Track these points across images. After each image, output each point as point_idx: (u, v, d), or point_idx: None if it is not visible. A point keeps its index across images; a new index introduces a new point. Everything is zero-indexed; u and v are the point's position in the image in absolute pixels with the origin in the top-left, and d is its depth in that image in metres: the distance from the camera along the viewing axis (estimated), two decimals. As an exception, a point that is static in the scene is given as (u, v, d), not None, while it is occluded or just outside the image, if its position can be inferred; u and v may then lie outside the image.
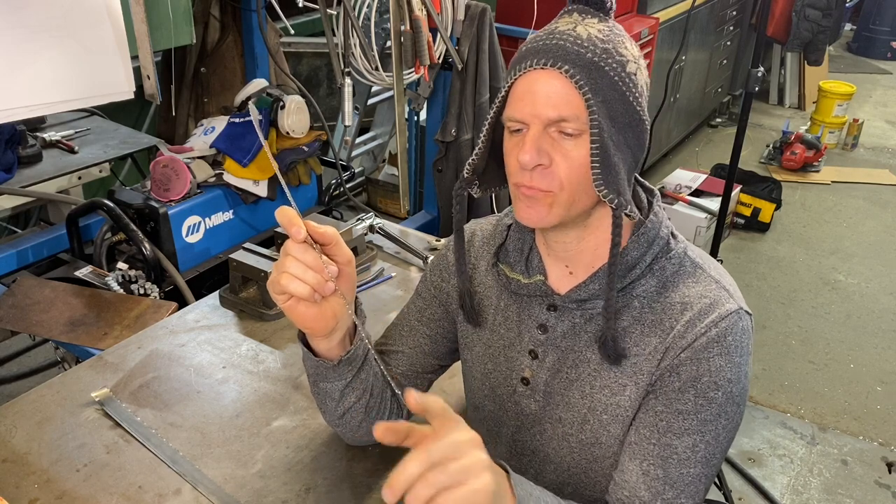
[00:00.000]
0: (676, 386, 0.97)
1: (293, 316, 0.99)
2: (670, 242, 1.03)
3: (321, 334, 1.02)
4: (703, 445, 0.98)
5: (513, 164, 0.98)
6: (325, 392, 1.12)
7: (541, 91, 0.93)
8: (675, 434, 0.98)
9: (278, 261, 0.95)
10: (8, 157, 2.11)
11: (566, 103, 0.92)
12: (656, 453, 0.98)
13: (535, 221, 0.99)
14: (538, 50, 0.94)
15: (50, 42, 1.55)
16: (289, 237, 0.92)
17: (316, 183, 2.34)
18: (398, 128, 2.60)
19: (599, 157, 0.92)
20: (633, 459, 1.00)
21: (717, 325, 0.96)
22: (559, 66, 0.91)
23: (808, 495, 2.52)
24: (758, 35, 2.75)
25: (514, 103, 0.95)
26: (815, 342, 3.31)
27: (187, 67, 2.63)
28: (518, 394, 1.12)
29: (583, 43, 0.92)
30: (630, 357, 1.01)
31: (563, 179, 0.94)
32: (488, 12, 2.61)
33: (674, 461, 0.98)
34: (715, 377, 0.96)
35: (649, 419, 0.99)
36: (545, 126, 0.94)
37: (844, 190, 4.78)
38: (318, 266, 0.93)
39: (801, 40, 5.47)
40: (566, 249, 1.04)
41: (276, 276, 0.95)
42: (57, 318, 1.71)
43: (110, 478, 1.23)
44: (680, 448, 0.97)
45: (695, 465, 0.98)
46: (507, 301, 1.12)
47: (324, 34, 2.35)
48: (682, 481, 0.98)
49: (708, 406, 0.96)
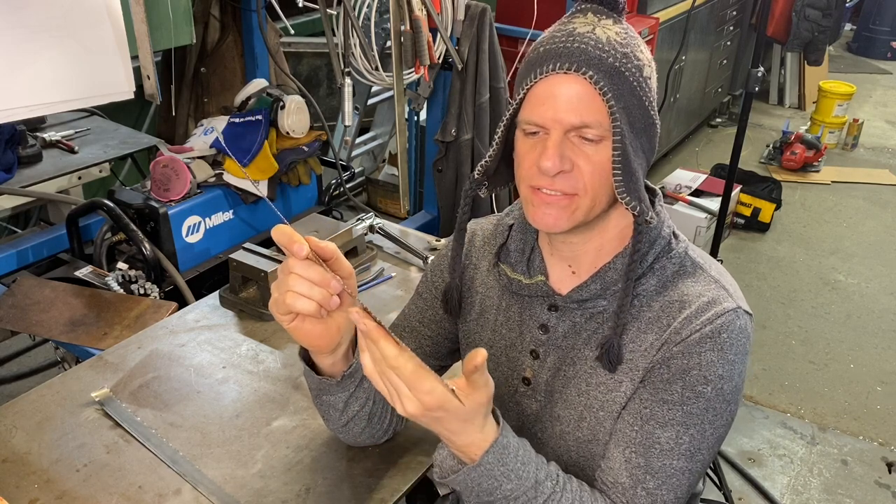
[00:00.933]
0: (665, 377, 0.97)
1: (299, 335, 0.98)
2: (672, 242, 1.03)
3: (327, 350, 1.02)
4: (688, 438, 0.97)
5: (529, 168, 0.96)
6: (329, 404, 1.12)
7: (563, 96, 0.91)
8: (658, 423, 0.97)
9: (278, 280, 0.93)
10: (8, 157, 2.11)
11: (589, 110, 0.91)
12: (638, 441, 0.98)
13: (550, 226, 0.98)
14: (559, 53, 0.91)
15: (50, 42, 1.55)
16: (288, 255, 0.90)
17: (316, 183, 2.34)
18: (398, 128, 2.60)
19: (622, 165, 0.92)
20: (616, 446, 1.00)
21: (713, 321, 0.96)
22: (583, 72, 0.90)
23: (808, 495, 2.52)
24: (758, 35, 2.75)
25: (534, 107, 0.94)
26: (815, 342, 3.31)
27: (187, 67, 2.63)
28: (519, 393, 1.12)
29: (604, 47, 0.91)
30: (626, 354, 1.01)
31: (586, 183, 0.94)
32: (488, 12, 2.60)
33: (656, 451, 0.97)
34: (705, 371, 0.95)
35: (634, 407, 0.99)
36: (566, 131, 0.92)
37: (844, 190, 4.78)
38: (325, 281, 0.91)
39: (801, 40, 5.47)
40: (572, 250, 1.04)
41: (279, 297, 0.93)
42: (57, 318, 1.71)
43: (110, 478, 1.23)
44: (663, 438, 0.97)
45: (678, 458, 0.97)
46: (509, 301, 1.12)
47: (324, 34, 2.35)
48: (663, 472, 0.97)
49: (695, 399, 0.96)
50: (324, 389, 1.09)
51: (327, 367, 1.06)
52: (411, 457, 1.29)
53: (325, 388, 1.08)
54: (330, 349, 1.02)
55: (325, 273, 0.91)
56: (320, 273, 0.91)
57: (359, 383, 1.09)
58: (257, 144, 2.07)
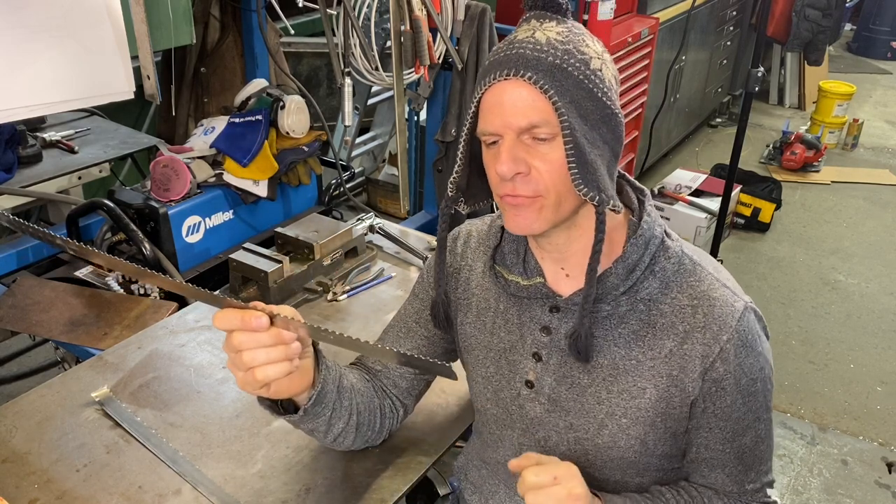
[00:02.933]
0: (727, 400, 1.03)
1: (280, 395, 0.98)
2: (665, 241, 1.04)
3: (304, 391, 1.02)
4: (763, 426, 1.07)
5: (493, 177, 0.98)
6: (310, 430, 1.12)
7: (508, 101, 0.93)
8: (740, 434, 1.06)
9: (231, 361, 0.92)
10: (8, 157, 2.11)
11: (534, 109, 0.92)
12: (732, 456, 1.07)
13: (524, 229, 0.99)
14: (500, 62, 0.94)
15: (50, 42, 1.55)
16: (233, 332, 0.89)
17: (316, 183, 2.34)
18: (398, 128, 2.59)
19: (575, 158, 0.93)
20: (713, 470, 1.09)
21: (737, 329, 1.01)
22: (521, 74, 0.92)
23: (808, 495, 2.52)
24: (758, 35, 2.75)
25: (485, 117, 0.96)
26: (815, 342, 3.31)
27: (187, 67, 2.63)
28: (522, 397, 1.11)
29: (542, 48, 0.93)
30: (647, 359, 1.02)
31: (546, 183, 0.95)
32: (488, 12, 2.60)
33: (748, 453, 1.08)
34: (750, 374, 1.02)
35: (716, 436, 1.06)
36: (518, 134, 0.94)
37: (844, 190, 4.78)
38: (278, 338, 0.90)
39: (801, 40, 5.47)
40: (559, 251, 1.05)
41: (246, 376, 0.92)
42: (57, 318, 1.71)
43: (110, 478, 1.23)
44: (748, 442, 1.07)
45: (761, 443, 1.09)
46: (507, 303, 1.12)
47: (324, 34, 2.35)
48: (756, 461, 1.09)
49: (754, 399, 1.04)
50: (301, 421, 1.08)
51: (302, 400, 1.05)
52: (411, 457, 1.29)
53: (302, 420, 1.07)
54: (306, 388, 1.02)
55: (271, 328, 0.90)
56: (271, 333, 0.90)
57: (334, 405, 1.08)
58: (257, 144, 2.07)
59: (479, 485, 1.27)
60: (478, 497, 1.27)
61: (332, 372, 1.07)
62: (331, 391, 1.07)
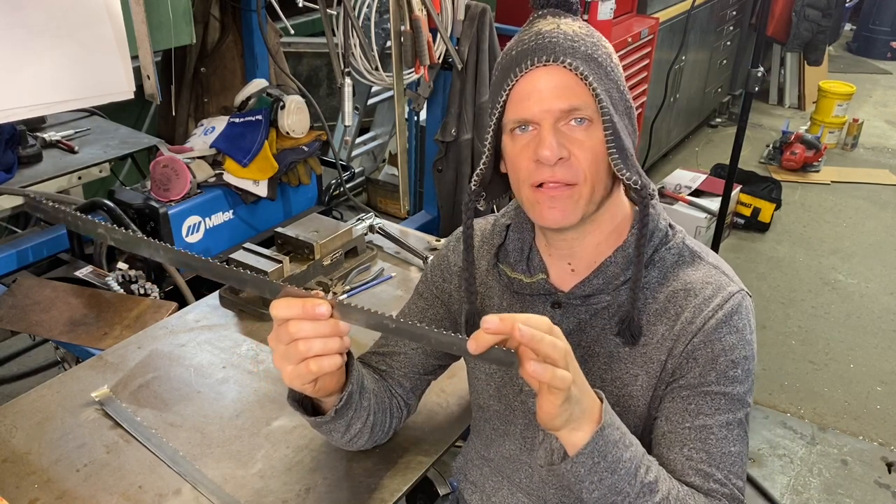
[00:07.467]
0: (697, 371, 0.99)
1: (318, 393, 0.97)
2: (668, 233, 1.05)
3: (337, 391, 1.01)
4: (736, 423, 0.99)
5: (526, 167, 0.98)
6: (330, 431, 1.12)
7: (546, 87, 0.94)
8: (707, 415, 0.99)
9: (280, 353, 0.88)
10: (8, 157, 2.11)
11: (574, 94, 0.93)
12: (694, 436, 0.99)
13: (559, 221, 0.98)
14: (531, 50, 0.94)
15: (50, 42, 1.55)
16: (285, 316, 0.85)
17: (316, 183, 2.34)
18: (398, 128, 2.59)
19: (614, 143, 0.94)
20: (671, 449, 1.00)
21: (723, 306, 0.99)
22: (560, 61, 0.93)
23: (808, 495, 2.52)
24: (758, 35, 2.75)
25: (519, 105, 0.96)
26: (815, 342, 3.31)
27: (187, 67, 2.63)
28: (525, 393, 1.12)
29: (573, 38, 0.94)
30: (639, 346, 1.02)
31: (585, 170, 0.96)
32: (488, 12, 2.60)
33: (713, 441, 0.99)
34: (730, 355, 0.98)
35: (678, 406, 1.00)
36: (556, 120, 0.95)
37: (844, 190, 4.78)
38: (336, 328, 0.87)
39: (800, 40, 5.47)
40: (570, 247, 1.05)
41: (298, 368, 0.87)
42: (57, 318, 1.71)
43: (110, 478, 1.23)
44: (715, 427, 0.99)
45: (733, 444, 0.99)
46: (510, 301, 1.12)
47: (324, 34, 2.35)
48: (726, 461, 0.99)
49: (731, 384, 0.99)
50: (325, 422, 1.07)
51: (332, 401, 1.04)
52: (411, 457, 1.29)
53: (327, 422, 1.07)
54: (342, 384, 1.01)
55: (330, 319, 0.86)
56: (330, 322, 0.86)
57: (357, 406, 1.08)
58: (257, 144, 2.07)
59: (481, 483, 1.26)
60: (479, 496, 1.27)
61: (356, 372, 1.08)
62: (356, 391, 1.06)
